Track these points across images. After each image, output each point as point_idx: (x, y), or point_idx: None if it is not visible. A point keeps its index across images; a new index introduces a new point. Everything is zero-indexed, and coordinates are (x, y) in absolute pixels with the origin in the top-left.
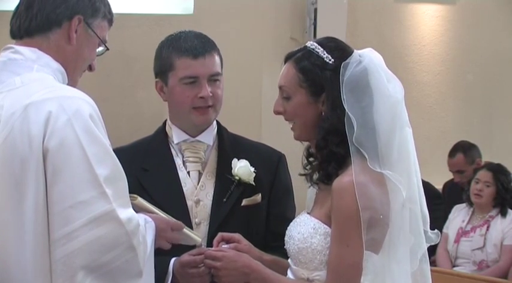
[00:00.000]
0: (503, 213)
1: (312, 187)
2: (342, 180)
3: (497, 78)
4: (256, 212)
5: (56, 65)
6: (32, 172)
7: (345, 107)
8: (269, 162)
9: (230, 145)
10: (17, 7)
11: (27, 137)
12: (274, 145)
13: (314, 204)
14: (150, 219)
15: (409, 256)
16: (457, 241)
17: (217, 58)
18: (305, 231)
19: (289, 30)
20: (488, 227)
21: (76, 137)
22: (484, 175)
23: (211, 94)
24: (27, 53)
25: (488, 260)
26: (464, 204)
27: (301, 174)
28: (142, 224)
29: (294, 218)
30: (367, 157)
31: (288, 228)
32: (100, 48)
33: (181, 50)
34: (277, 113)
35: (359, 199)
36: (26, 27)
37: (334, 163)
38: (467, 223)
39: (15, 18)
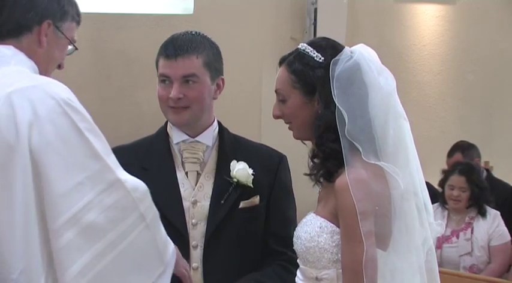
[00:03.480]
0: (482, 213)
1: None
2: (343, 180)
3: (497, 78)
4: (254, 214)
5: (30, 62)
6: (19, 158)
7: (336, 102)
8: (270, 164)
9: (230, 147)
10: None
11: (13, 123)
12: (273, 146)
13: (318, 203)
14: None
15: (418, 250)
16: (439, 247)
17: (196, 60)
18: (311, 230)
19: (289, 30)
20: (472, 230)
21: (68, 117)
22: (457, 180)
23: (181, 95)
24: (2, 50)
25: (479, 263)
26: (436, 205)
27: (306, 174)
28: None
29: (295, 220)
30: (361, 150)
31: (296, 228)
32: (69, 47)
33: (162, 50)
34: (276, 117)
35: (353, 193)
36: None
37: (334, 161)
38: (446, 226)
39: None
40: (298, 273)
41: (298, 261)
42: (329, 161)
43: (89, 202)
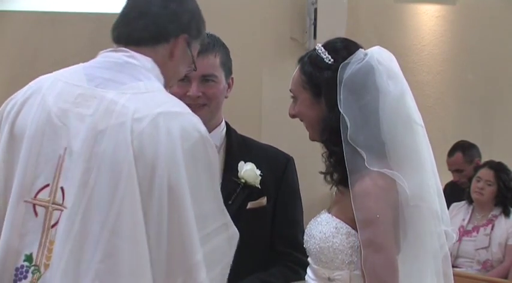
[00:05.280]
0: (507, 213)
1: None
2: (361, 186)
3: (497, 78)
4: (261, 215)
5: (163, 79)
6: (159, 179)
7: (340, 107)
8: (277, 165)
9: (238, 147)
10: (125, 13)
11: (155, 145)
12: (273, 145)
13: (333, 204)
14: None
15: (427, 256)
16: (458, 240)
17: (214, 60)
18: (327, 230)
19: (289, 30)
20: (493, 227)
21: (207, 153)
22: (485, 173)
23: (200, 94)
24: (143, 61)
25: (493, 260)
26: (463, 202)
27: (321, 172)
28: None
29: (301, 221)
30: (364, 157)
31: (308, 226)
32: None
33: None
34: (291, 115)
35: (353, 201)
36: (137, 37)
37: (343, 166)
38: (468, 222)
39: (124, 24)
40: (309, 272)
41: (309, 259)
42: (340, 167)
43: (205, 235)
